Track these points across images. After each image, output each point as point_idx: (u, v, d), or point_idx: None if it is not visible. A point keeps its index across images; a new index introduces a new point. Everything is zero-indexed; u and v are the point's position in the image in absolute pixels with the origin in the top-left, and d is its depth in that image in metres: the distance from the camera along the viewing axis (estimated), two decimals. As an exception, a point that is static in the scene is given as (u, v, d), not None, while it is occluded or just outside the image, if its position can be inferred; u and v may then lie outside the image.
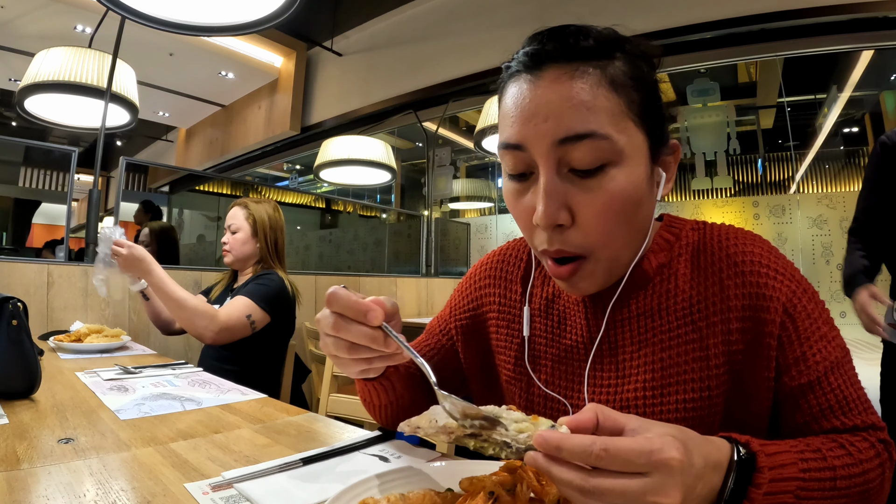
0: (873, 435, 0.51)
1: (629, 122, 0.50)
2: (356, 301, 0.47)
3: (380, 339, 0.48)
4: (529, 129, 0.50)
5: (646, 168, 0.52)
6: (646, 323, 0.57)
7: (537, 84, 0.50)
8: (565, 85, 0.49)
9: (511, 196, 0.55)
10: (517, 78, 0.52)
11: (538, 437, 0.37)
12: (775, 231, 3.11)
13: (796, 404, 0.52)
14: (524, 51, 0.53)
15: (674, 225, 0.61)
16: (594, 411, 0.38)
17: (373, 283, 3.13)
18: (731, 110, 3.48)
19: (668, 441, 0.36)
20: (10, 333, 0.88)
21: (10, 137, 7.23)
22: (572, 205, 0.50)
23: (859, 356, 2.08)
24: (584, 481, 0.35)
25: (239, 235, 1.73)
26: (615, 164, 0.50)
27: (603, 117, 0.48)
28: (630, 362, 0.58)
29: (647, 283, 0.58)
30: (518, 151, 0.52)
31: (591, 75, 0.49)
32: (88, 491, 0.50)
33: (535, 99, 0.50)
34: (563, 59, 0.50)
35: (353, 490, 0.45)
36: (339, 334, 0.48)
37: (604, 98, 0.49)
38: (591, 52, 0.50)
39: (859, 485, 0.47)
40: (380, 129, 4.76)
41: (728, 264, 0.55)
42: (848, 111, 3.49)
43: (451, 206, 5.25)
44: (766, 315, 0.52)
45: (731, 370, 0.54)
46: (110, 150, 7.70)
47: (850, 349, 0.55)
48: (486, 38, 3.83)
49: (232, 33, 1.76)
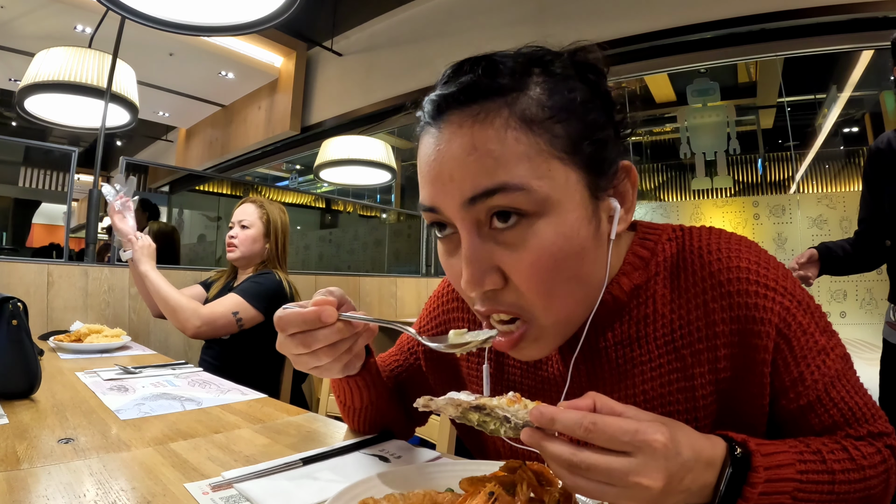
0: (881, 440, 0.49)
1: (553, 161, 0.43)
2: (304, 312, 0.48)
3: (345, 329, 0.50)
4: (437, 190, 0.45)
5: (583, 210, 0.45)
6: (624, 353, 0.53)
7: (440, 137, 0.45)
8: (466, 135, 0.43)
9: (442, 256, 0.51)
10: (425, 130, 0.47)
11: (534, 410, 0.39)
12: (775, 231, 3.11)
13: (796, 426, 0.50)
14: (428, 98, 0.47)
15: (648, 237, 0.54)
16: (592, 398, 0.39)
17: (373, 283, 3.13)
18: (731, 110, 3.49)
19: (654, 425, 0.37)
20: (10, 333, 0.88)
21: (10, 137, 7.24)
22: (501, 265, 0.45)
23: (859, 356, 2.08)
24: (572, 455, 0.36)
25: (250, 232, 1.69)
26: (539, 216, 0.43)
27: (515, 164, 0.42)
28: (610, 395, 0.55)
29: (623, 309, 0.53)
30: (434, 213, 0.47)
31: (496, 116, 0.43)
32: (88, 491, 0.50)
33: (438, 156, 0.45)
34: (464, 102, 0.44)
35: (353, 490, 0.45)
36: (311, 347, 0.49)
37: (514, 141, 0.42)
38: (495, 89, 0.43)
39: (860, 490, 0.46)
40: (380, 129, 4.76)
41: (712, 284, 0.50)
42: (848, 111, 3.49)
43: (451, 206, 5.25)
44: (758, 340, 0.48)
45: (719, 399, 0.50)
46: (110, 150, 7.70)
47: (850, 349, 0.53)
48: (486, 38, 3.83)
49: (232, 33, 1.76)
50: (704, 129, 3.49)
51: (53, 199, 7.85)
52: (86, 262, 1.97)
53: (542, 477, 0.43)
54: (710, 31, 3.05)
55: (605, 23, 3.30)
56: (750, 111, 3.71)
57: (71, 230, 2.85)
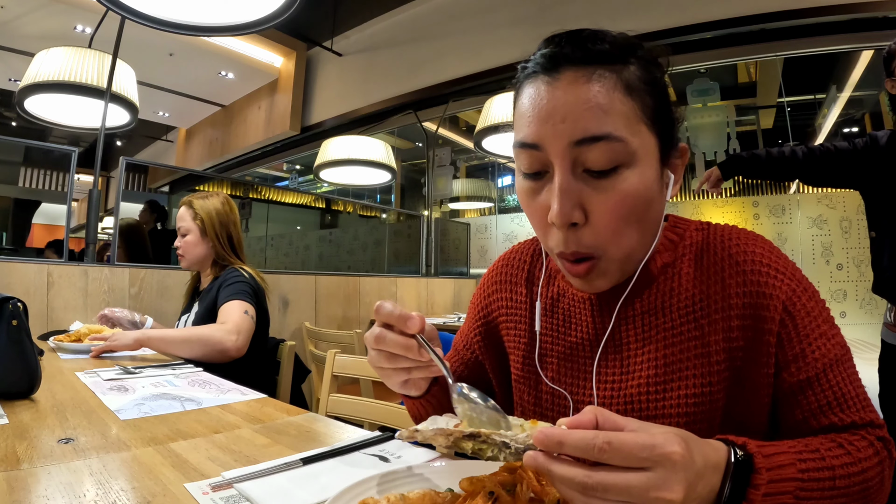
0: (872, 433, 0.51)
1: (642, 125, 0.51)
2: (399, 312, 0.52)
3: (414, 348, 0.52)
4: (546, 129, 0.51)
5: (656, 170, 0.53)
6: (650, 320, 0.58)
7: (554, 86, 0.51)
8: (582, 87, 0.50)
9: (525, 195, 0.56)
10: (534, 79, 0.53)
11: (538, 434, 0.36)
12: (775, 231, 3.11)
13: (795, 400, 0.53)
14: (541, 52, 0.53)
15: (678, 225, 0.62)
16: (593, 413, 0.38)
17: (373, 283, 3.13)
18: (731, 110, 3.49)
19: (669, 437, 0.37)
20: (10, 333, 0.88)
21: (10, 137, 7.24)
22: (586, 204, 0.51)
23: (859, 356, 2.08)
24: (587, 477, 0.35)
25: (189, 238, 1.66)
26: (628, 166, 0.51)
27: (618, 120, 0.50)
28: (634, 359, 0.58)
29: (652, 282, 0.59)
30: (534, 151, 0.52)
31: (607, 79, 0.50)
32: (88, 491, 0.50)
33: (552, 100, 0.51)
34: (581, 62, 0.50)
35: (353, 490, 0.45)
36: (379, 346, 0.53)
37: (619, 102, 0.50)
38: (607, 57, 0.51)
39: (858, 483, 0.47)
40: (380, 129, 4.76)
41: (730, 263, 0.56)
42: (848, 111, 3.49)
43: (451, 206, 5.26)
44: (766, 313, 0.53)
45: (731, 366, 0.55)
46: (110, 150, 7.70)
47: (850, 349, 0.55)
48: (486, 38, 3.83)
49: (232, 33, 1.76)
50: (704, 129, 3.48)
51: (53, 199, 7.85)
52: (86, 262, 1.97)
53: (542, 477, 0.43)
54: (710, 31, 3.05)
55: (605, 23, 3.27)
56: (750, 111, 3.71)
57: (71, 230, 2.84)
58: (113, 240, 2.29)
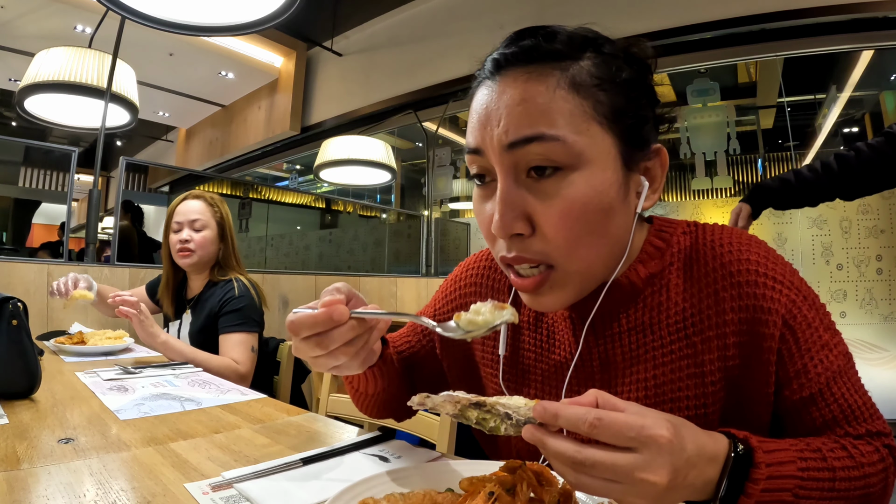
0: (878, 440, 0.50)
1: (593, 124, 0.48)
2: (316, 315, 0.47)
3: (359, 325, 0.49)
4: (485, 133, 0.49)
5: (614, 174, 0.49)
6: (637, 338, 0.55)
7: (494, 89, 0.50)
8: (519, 88, 0.48)
9: (476, 202, 0.54)
10: (482, 84, 0.52)
11: (538, 405, 0.38)
12: (775, 231, 3.11)
13: (799, 417, 0.51)
14: (489, 56, 0.52)
15: (664, 229, 0.57)
16: (594, 395, 0.39)
17: (373, 283, 3.13)
18: (731, 110, 3.48)
19: (659, 420, 0.37)
20: (10, 333, 0.88)
21: (10, 137, 7.23)
22: (531, 213, 0.48)
23: (860, 356, 2.08)
24: (577, 452, 0.36)
25: (207, 234, 1.54)
26: (574, 169, 0.47)
27: (558, 119, 0.47)
28: (622, 379, 0.56)
29: (637, 296, 0.55)
30: (477, 156, 0.51)
31: (549, 77, 0.47)
32: (88, 491, 0.50)
33: (490, 104, 0.50)
34: (523, 62, 0.49)
35: (353, 490, 0.45)
36: (327, 348, 0.48)
37: (561, 99, 0.47)
38: (552, 54, 0.48)
39: (860, 488, 0.46)
40: (380, 129, 4.76)
41: (723, 274, 0.52)
42: (848, 111, 3.49)
43: (450, 206, 5.25)
44: (765, 329, 0.50)
45: (727, 386, 0.52)
46: (110, 150, 7.70)
47: (851, 349, 0.54)
48: (486, 38, 3.80)
49: (232, 33, 1.76)
50: (704, 129, 3.48)
51: (53, 199, 7.84)
52: (86, 262, 1.97)
53: (542, 477, 0.43)
54: (710, 31, 3.05)
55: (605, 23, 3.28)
56: (750, 111, 3.71)
57: (71, 230, 2.83)
58: (113, 240, 2.28)
